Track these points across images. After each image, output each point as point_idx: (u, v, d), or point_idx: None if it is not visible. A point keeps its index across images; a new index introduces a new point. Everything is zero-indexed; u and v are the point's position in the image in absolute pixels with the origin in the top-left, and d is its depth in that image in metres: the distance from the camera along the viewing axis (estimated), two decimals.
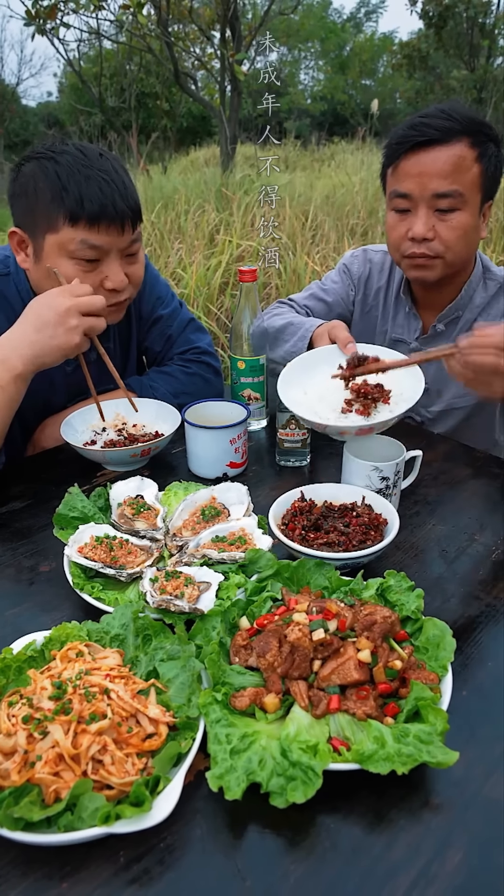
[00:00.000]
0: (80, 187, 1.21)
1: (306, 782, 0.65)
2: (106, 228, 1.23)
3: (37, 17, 6.24)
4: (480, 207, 1.40)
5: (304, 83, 26.48)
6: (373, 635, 0.78)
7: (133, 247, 1.31)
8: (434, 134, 1.33)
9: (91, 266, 1.26)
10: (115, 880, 0.63)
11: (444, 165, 1.33)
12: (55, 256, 1.25)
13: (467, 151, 1.33)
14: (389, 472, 1.14)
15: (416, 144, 1.34)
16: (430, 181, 1.34)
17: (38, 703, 0.70)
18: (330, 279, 1.74)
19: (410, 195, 1.38)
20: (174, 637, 0.82)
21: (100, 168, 1.24)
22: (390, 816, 0.68)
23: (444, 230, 1.38)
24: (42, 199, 1.22)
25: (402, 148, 1.37)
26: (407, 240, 1.41)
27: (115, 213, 1.23)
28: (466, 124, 1.33)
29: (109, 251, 1.26)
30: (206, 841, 0.66)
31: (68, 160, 1.23)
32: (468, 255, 1.46)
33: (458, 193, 1.34)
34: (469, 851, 0.65)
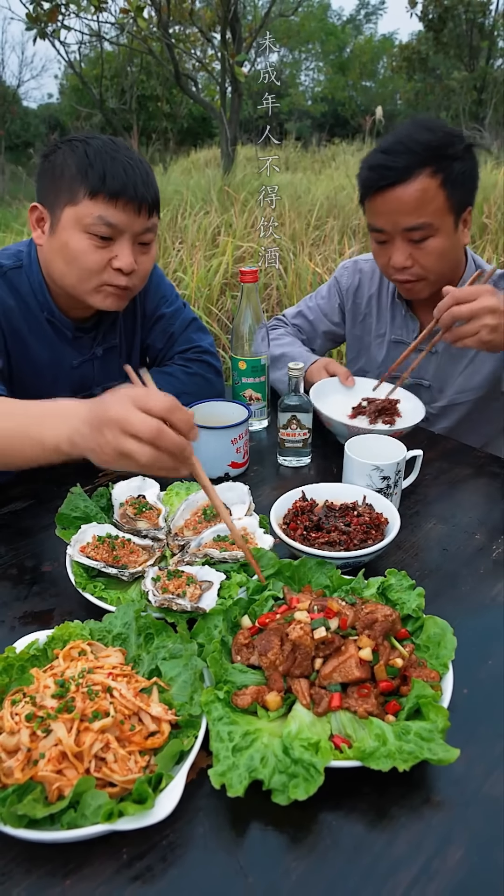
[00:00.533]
0: (105, 165, 1.24)
1: (308, 779, 0.65)
2: (124, 207, 1.26)
3: (37, 20, 6.26)
4: (456, 222, 1.44)
5: (305, 84, 26.53)
6: (374, 633, 0.78)
7: (146, 235, 1.33)
8: (393, 175, 1.37)
9: (103, 243, 1.28)
10: (117, 877, 0.63)
11: (408, 203, 1.37)
12: (70, 229, 1.27)
13: (429, 182, 1.36)
14: (390, 472, 1.15)
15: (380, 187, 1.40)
16: (399, 218, 1.39)
17: (41, 702, 0.70)
18: (320, 294, 1.82)
19: (384, 229, 1.44)
20: (176, 636, 0.82)
21: (126, 155, 1.28)
22: (391, 813, 0.69)
23: (421, 257, 1.43)
24: (67, 173, 1.26)
25: (369, 191, 1.43)
26: (390, 267, 1.48)
27: (134, 194, 1.26)
28: (426, 154, 1.36)
29: (123, 231, 1.28)
30: (208, 838, 0.66)
31: (98, 143, 1.28)
32: (452, 269, 1.51)
33: (427, 224, 1.39)
34: (469, 849, 0.65)
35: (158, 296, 1.60)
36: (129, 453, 0.80)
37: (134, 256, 1.31)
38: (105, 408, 0.83)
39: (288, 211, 5.31)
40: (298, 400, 1.33)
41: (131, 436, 0.79)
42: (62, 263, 1.31)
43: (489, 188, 5.80)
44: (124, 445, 0.80)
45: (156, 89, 12.30)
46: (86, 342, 1.46)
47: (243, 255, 4.65)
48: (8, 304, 1.34)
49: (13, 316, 1.36)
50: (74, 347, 1.44)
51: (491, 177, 6.21)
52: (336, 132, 17.37)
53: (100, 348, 1.48)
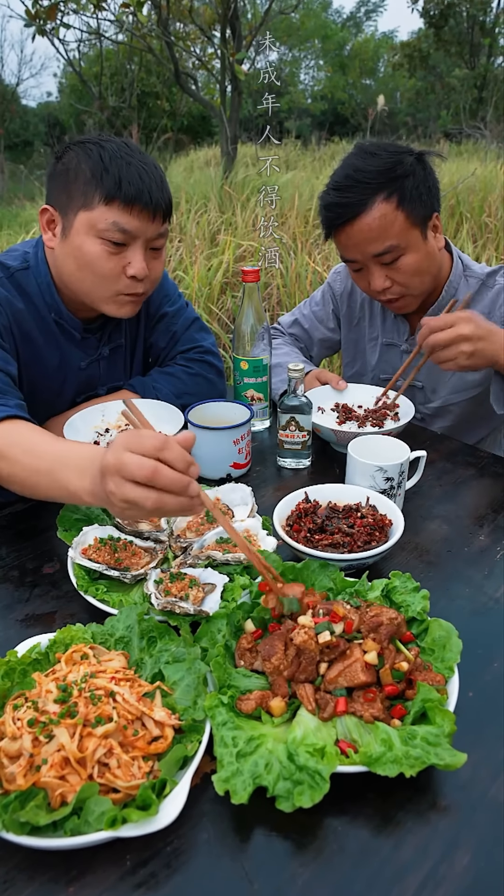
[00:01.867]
0: (121, 170, 1.24)
1: (313, 787, 0.64)
2: (139, 213, 1.25)
3: (36, 17, 6.23)
4: (424, 233, 1.45)
5: (305, 83, 26.48)
6: (379, 637, 0.77)
7: (158, 241, 1.33)
8: (349, 213, 1.39)
9: (117, 249, 1.27)
10: (121, 884, 0.62)
11: (370, 232, 1.40)
12: (83, 234, 1.26)
13: (386, 207, 1.38)
14: (394, 473, 1.14)
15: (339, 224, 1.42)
16: (365, 247, 1.42)
17: (44, 707, 0.70)
18: (314, 301, 1.84)
19: (355, 259, 1.47)
20: (179, 639, 0.82)
21: (141, 160, 1.28)
22: (397, 818, 0.68)
23: (397, 276, 1.46)
24: (81, 177, 1.25)
25: (330, 230, 1.46)
26: (374, 291, 1.50)
27: (149, 200, 1.25)
28: (376, 181, 1.38)
29: (137, 238, 1.28)
30: (212, 844, 0.66)
31: (113, 147, 1.27)
32: (432, 275, 1.52)
33: (394, 246, 1.41)
34: (477, 853, 0.65)
35: (161, 295, 1.59)
36: (133, 501, 0.78)
37: (146, 262, 1.31)
38: (105, 457, 0.81)
39: (288, 210, 5.29)
40: (297, 401, 1.32)
41: (130, 481, 0.77)
42: (75, 268, 1.30)
43: (489, 187, 5.78)
44: (127, 493, 0.77)
45: (156, 87, 12.26)
46: (92, 342, 1.45)
47: (244, 254, 4.64)
48: (17, 308, 1.33)
49: (23, 319, 1.35)
50: (81, 348, 1.43)
51: (491, 175, 6.20)
52: (336, 130, 17.33)
53: (106, 348, 1.47)
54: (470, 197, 5.66)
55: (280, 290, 4.26)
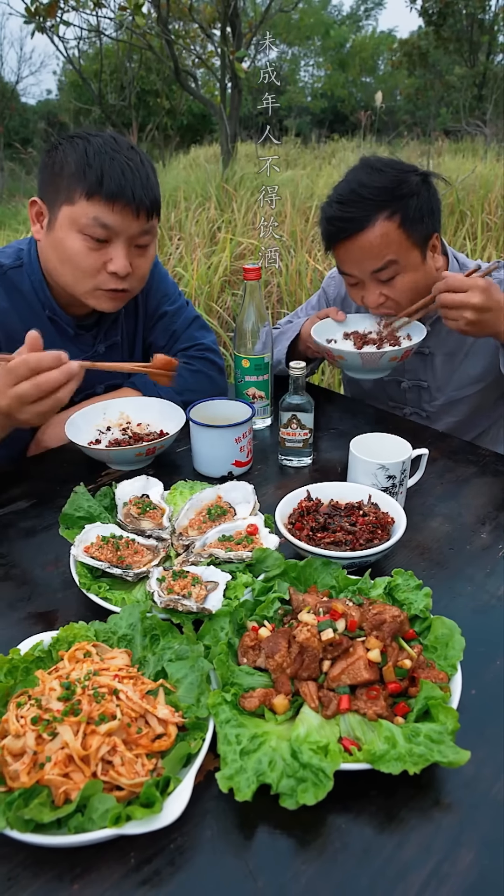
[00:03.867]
0: (104, 165, 1.23)
1: (317, 784, 0.64)
2: (120, 209, 1.25)
3: (36, 14, 6.22)
4: (423, 253, 1.45)
5: (305, 80, 26.43)
6: (382, 634, 0.77)
7: (143, 238, 1.32)
8: (351, 228, 1.40)
9: (98, 245, 1.27)
10: (125, 882, 0.63)
11: (370, 249, 1.40)
12: (66, 228, 1.27)
13: (388, 226, 1.38)
14: (396, 471, 1.14)
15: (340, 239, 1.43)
16: (364, 263, 1.43)
17: (47, 704, 0.70)
18: (310, 305, 1.85)
19: (353, 275, 1.48)
20: (182, 637, 0.82)
21: (127, 156, 1.27)
22: (401, 816, 0.68)
23: (392, 293, 1.47)
24: (66, 171, 1.25)
25: (331, 243, 1.47)
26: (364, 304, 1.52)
27: (132, 196, 1.25)
28: (380, 199, 1.38)
29: (119, 234, 1.27)
30: (216, 841, 0.66)
31: (99, 142, 1.26)
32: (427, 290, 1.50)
33: (393, 262, 1.42)
34: (480, 851, 0.65)
35: (160, 294, 1.59)
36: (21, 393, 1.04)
37: (130, 259, 1.30)
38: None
39: (288, 208, 5.29)
40: (300, 399, 1.32)
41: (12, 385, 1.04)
42: (57, 262, 1.31)
43: (490, 185, 5.78)
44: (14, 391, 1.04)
45: (155, 85, 12.24)
46: (87, 339, 1.45)
47: (243, 252, 4.63)
48: (2, 307, 1.33)
49: (8, 319, 1.35)
50: (76, 345, 1.43)
51: (490, 173, 6.19)
52: (335, 128, 17.31)
53: (102, 345, 1.47)
54: (470, 195, 5.66)
55: (280, 289, 4.25)
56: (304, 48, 25.27)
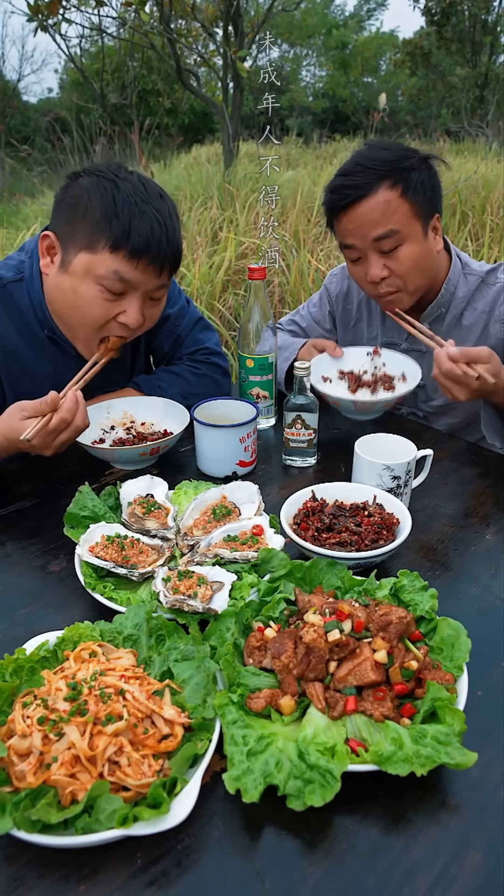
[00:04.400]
0: (133, 218, 1.19)
1: (324, 785, 0.64)
2: (143, 267, 1.21)
3: (38, 12, 6.21)
4: (424, 229, 1.46)
5: (306, 80, 26.42)
6: (388, 636, 0.77)
7: (159, 292, 1.30)
8: (354, 193, 1.41)
9: (113, 297, 1.24)
10: (132, 882, 0.62)
11: (372, 215, 1.41)
12: (82, 276, 1.23)
13: (390, 194, 1.40)
14: (401, 472, 1.14)
15: (343, 206, 1.44)
16: (366, 231, 1.43)
17: (54, 705, 0.69)
18: (312, 302, 1.86)
19: (354, 246, 1.47)
20: (188, 637, 0.81)
21: (156, 207, 1.23)
22: (408, 818, 0.68)
23: (395, 266, 1.46)
24: (91, 216, 1.20)
25: (334, 212, 1.47)
26: (367, 283, 1.50)
27: (157, 254, 1.21)
28: (383, 170, 1.40)
29: (137, 288, 1.24)
30: (223, 842, 0.66)
31: (128, 188, 1.21)
32: (430, 274, 1.52)
33: (395, 231, 1.42)
34: (488, 852, 0.65)
35: None
36: None
37: (144, 311, 1.27)
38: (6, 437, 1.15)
39: (290, 208, 5.28)
40: (304, 399, 1.32)
41: None
42: (65, 305, 1.28)
43: (491, 186, 5.77)
44: None
45: (157, 84, 12.24)
46: None
47: (245, 251, 4.63)
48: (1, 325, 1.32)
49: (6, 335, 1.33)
50: (77, 361, 1.40)
51: (492, 174, 6.18)
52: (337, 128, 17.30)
53: None
54: (471, 196, 5.65)
55: (282, 288, 4.25)
56: (305, 48, 25.25)
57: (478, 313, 1.57)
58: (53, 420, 1.13)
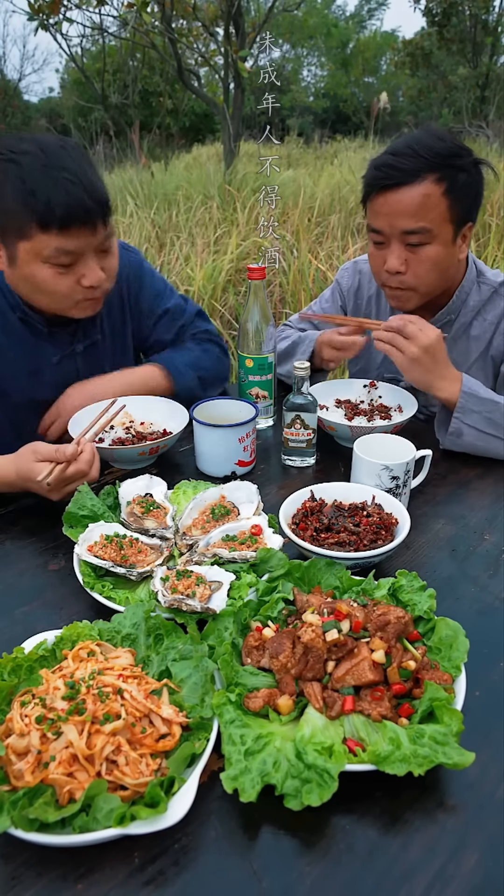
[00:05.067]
0: (48, 191, 1.16)
1: (322, 785, 0.64)
2: (77, 231, 1.20)
3: (39, 11, 6.22)
4: (455, 235, 1.43)
5: (307, 80, 26.42)
6: (387, 636, 0.77)
7: (106, 242, 1.28)
8: (398, 176, 1.36)
9: (66, 269, 1.24)
10: (130, 881, 0.62)
11: (409, 205, 1.36)
12: (30, 262, 1.23)
13: (433, 189, 1.36)
14: (400, 472, 1.14)
15: (384, 186, 1.39)
16: (398, 220, 1.38)
17: (52, 703, 0.69)
18: (323, 298, 1.82)
19: (382, 231, 1.42)
20: (186, 637, 0.81)
21: (63, 166, 1.18)
22: (405, 817, 0.68)
23: (415, 263, 1.42)
24: (8, 205, 1.18)
25: (373, 189, 1.41)
26: (384, 271, 1.47)
27: (85, 215, 1.19)
28: (433, 161, 1.35)
29: (84, 251, 1.24)
30: (221, 842, 0.66)
31: (30, 162, 1.17)
32: (443, 281, 1.49)
33: (426, 230, 1.38)
34: (485, 853, 0.65)
35: (153, 293, 1.59)
36: None
37: (99, 264, 1.27)
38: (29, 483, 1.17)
39: (291, 207, 5.28)
40: (303, 399, 1.32)
41: None
42: (30, 292, 1.29)
43: (492, 186, 5.77)
44: None
45: (158, 84, 12.24)
46: (64, 338, 1.43)
47: (246, 251, 4.63)
48: None
49: None
50: (52, 343, 1.41)
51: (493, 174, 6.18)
52: (338, 128, 17.31)
53: (80, 344, 1.44)
54: None
55: (283, 288, 4.25)
56: (306, 47, 25.25)
57: (487, 324, 1.54)
58: (70, 469, 1.13)
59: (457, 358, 1.56)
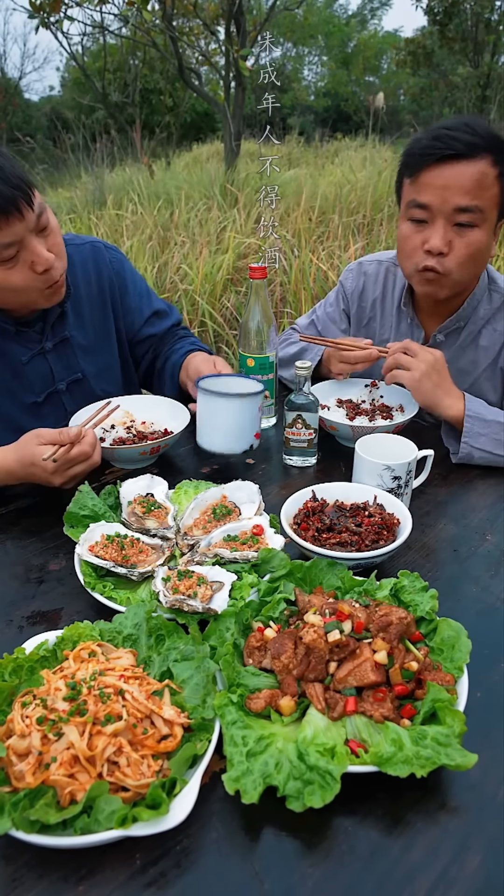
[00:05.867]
0: None
1: (324, 787, 0.64)
2: (6, 222, 1.17)
3: (40, 9, 6.21)
4: (496, 225, 1.39)
5: (308, 79, 26.40)
6: (389, 636, 0.77)
7: (41, 221, 1.24)
8: (460, 148, 1.30)
9: (12, 261, 1.22)
10: (131, 883, 0.62)
11: (467, 180, 1.31)
12: None
13: (489, 169, 1.32)
14: (401, 472, 1.14)
15: (441, 157, 1.32)
16: (453, 195, 1.32)
17: (53, 704, 0.69)
18: (328, 302, 1.79)
19: (430, 206, 1.35)
20: (188, 637, 0.81)
21: None
22: (407, 819, 0.68)
23: (459, 245, 1.36)
24: None
25: (427, 160, 1.33)
26: (422, 251, 1.39)
27: (7, 205, 1.15)
28: (490, 141, 1.31)
29: (22, 240, 1.21)
30: (222, 843, 0.66)
31: None
32: (476, 273, 1.45)
33: (479, 209, 1.33)
34: (487, 854, 0.65)
35: (138, 293, 1.60)
36: None
37: (46, 247, 1.25)
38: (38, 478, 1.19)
39: (293, 207, 5.28)
40: (304, 399, 1.32)
41: None
42: None
43: None
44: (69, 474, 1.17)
45: (159, 83, 12.22)
46: (32, 336, 1.40)
47: (247, 250, 4.62)
48: None
49: None
50: (19, 343, 1.39)
51: None
52: (339, 127, 17.28)
53: (49, 342, 1.42)
54: None
55: (283, 287, 4.25)
56: (307, 46, 25.22)
57: (497, 334, 1.51)
58: (74, 451, 1.15)
59: (465, 367, 1.55)
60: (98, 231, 5.07)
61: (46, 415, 1.43)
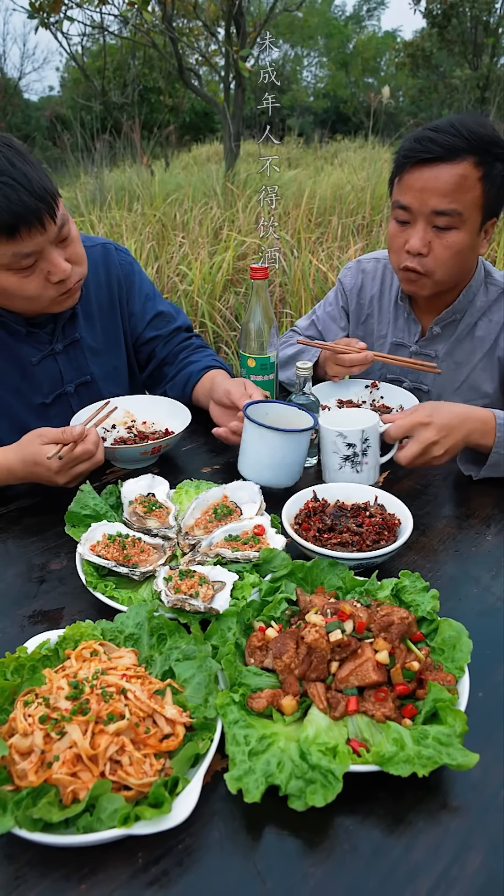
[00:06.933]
0: None
1: (326, 786, 0.64)
2: (28, 233, 1.17)
3: (40, 10, 6.21)
4: (481, 226, 1.40)
5: (307, 80, 26.43)
6: (390, 636, 0.77)
7: (63, 232, 1.25)
8: (438, 151, 1.32)
9: (30, 270, 1.22)
10: (133, 882, 0.62)
11: (445, 184, 1.32)
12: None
13: (471, 171, 1.32)
14: (355, 439, 1.12)
15: (420, 160, 1.34)
16: (430, 198, 1.34)
17: (55, 703, 0.69)
18: (327, 301, 1.80)
19: (410, 208, 1.38)
20: (189, 637, 0.81)
21: None
22: (409, 819, 0.68)
23: (438, 247, 1.38)
24: None
25: (408, 162, 1.36)
26: (404, 251, 1.42)
27: (30, 216, 1.15)
28: (474, 142, 1.32)
29: (42, 250, 1.21)
30: (224, 842, 0.66)
31: None
32: (461, 273, 1.46)
33: (457, 212, 1.34)
34: (489, 854, 0.65)
35: (143, 295, 1.60)
36: None
37: (65, 257, 1.25)
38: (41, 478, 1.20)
39: (293, 207, 5.28)
40: (305, 399, 1.32)
41: None
42: (3, 300, 1.28)
43: None
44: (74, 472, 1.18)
45: (158, 83, 12.23)
46: (43, 338, 1.41)
47: (246, 251, 4.63)
48: None
49: None
50: (30, 344, 1.39)
51: None
52: (338, 128, 17.30)
53: (60, 343, 1.42)
54: None
55: (283, 288, 4.25)
56: (307, 47, 25.25)
57: (493, 325, 1.53)
58: (78, 449, 1.16)
59: (461, 358, 1.57)
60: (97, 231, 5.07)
61: (53, 416, 1.43)
